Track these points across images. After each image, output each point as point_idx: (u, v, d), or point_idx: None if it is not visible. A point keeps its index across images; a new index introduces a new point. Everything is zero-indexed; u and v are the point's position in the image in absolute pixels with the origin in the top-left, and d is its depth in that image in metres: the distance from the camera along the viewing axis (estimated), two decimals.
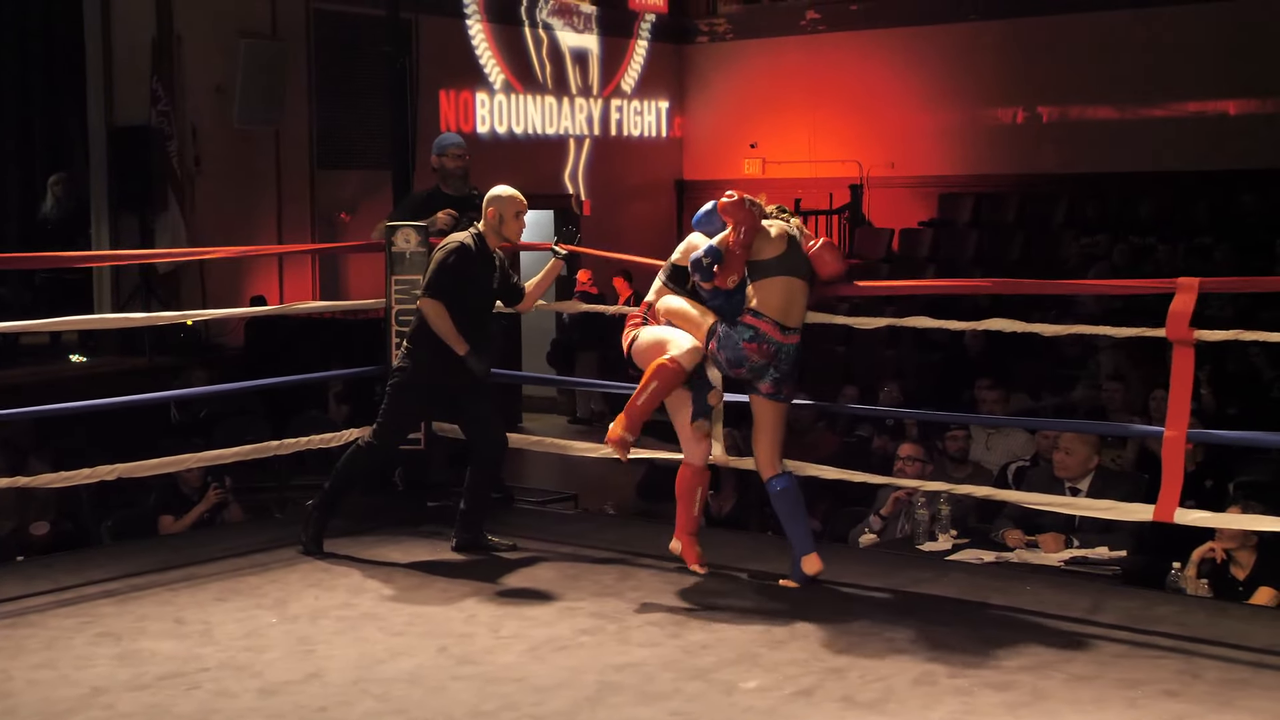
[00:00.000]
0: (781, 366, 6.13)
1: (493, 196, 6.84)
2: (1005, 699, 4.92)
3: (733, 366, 6.14)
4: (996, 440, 9.62)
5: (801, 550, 6.21)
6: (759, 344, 6.06)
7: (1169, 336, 5.85)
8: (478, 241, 6.75)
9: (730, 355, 6.10)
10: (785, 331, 6.09)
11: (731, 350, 6.09)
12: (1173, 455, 5.80)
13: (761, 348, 6.06)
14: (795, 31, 18.63)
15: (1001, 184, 17.38)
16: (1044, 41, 16.92)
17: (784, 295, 6.11)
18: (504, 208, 6.78)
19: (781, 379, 6.15)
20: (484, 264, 6.78)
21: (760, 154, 18.72)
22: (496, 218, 6.78)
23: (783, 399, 6.21)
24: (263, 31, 14.51)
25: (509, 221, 6.79)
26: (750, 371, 6.12)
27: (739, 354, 6.08)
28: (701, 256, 6.10)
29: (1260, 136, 15.50)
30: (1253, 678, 5.13)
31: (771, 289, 6.10)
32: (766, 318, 6.08)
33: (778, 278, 6.11)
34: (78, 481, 6.82)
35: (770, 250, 6.12)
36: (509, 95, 17.36)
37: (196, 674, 5.23)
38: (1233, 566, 6.57)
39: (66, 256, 11.18)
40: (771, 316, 6.08)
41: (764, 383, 6.15)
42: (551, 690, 5.05)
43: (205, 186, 13.92)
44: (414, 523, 7.46)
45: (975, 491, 6.91)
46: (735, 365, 6.13)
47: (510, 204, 6.80)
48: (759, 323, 6.07)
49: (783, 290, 6.11)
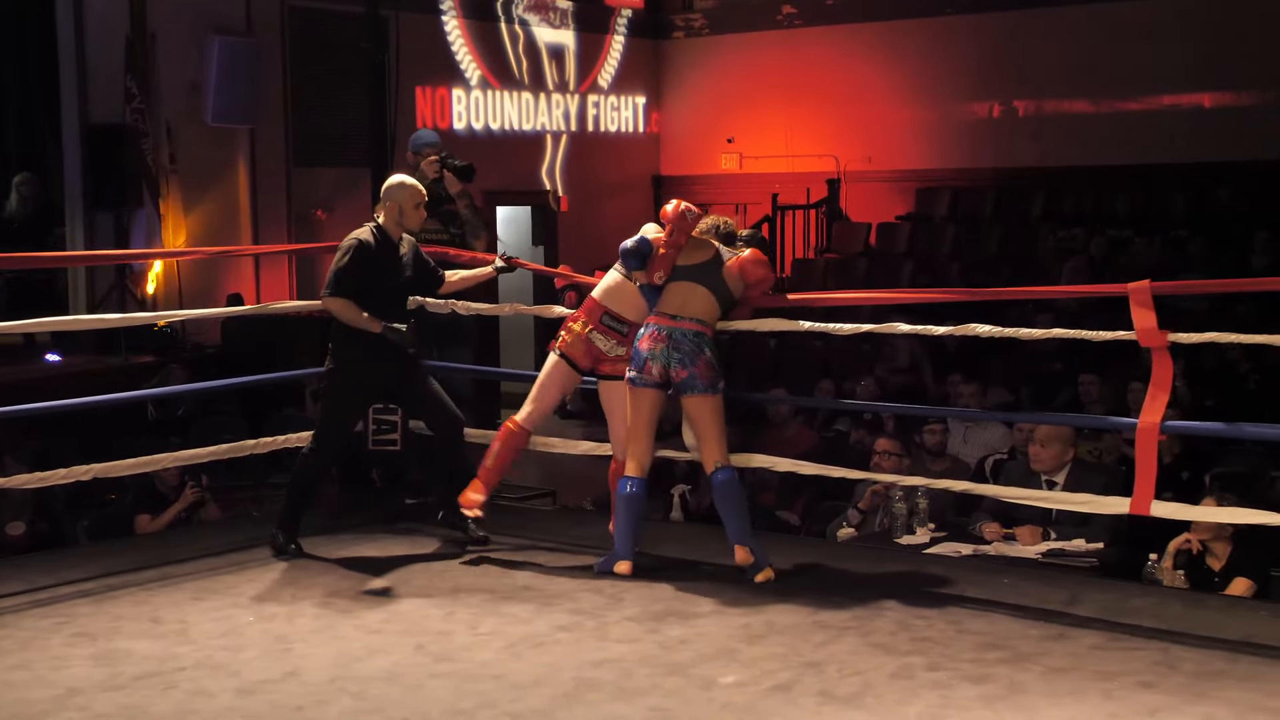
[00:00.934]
0: (682, 346, 6.29)
1: (391, 188, 6.89)
2: (982, 692, 4.93)
3: (638, 368, 6.36)
4: (974, 434, 9.65)
5: (736, 540, 6.30)
6: (650, 333, 6.35)
7: (1143, 344, 5.87)
8: (378, 234, 6.80)
9: (635, 360, 6.39)
10: (676, 319, 6.35)
11: (635, 355, 6.40)
12: (1146, 447, 5.81)
13: (653, 334, 6.33)
14: (772, 26, 18.61)
15: (979, 178, 17.39)
16: (1020, 35, 16.93)
17: (683, 295, 6.40)
18: (402, 199, 6.84)
19: (686, 362, 6.29)
20: (388, 255, 6.82)
21: (737, 149, 18.71)
22: (396, 210, 6.83)
23: (703, 390, 6.33)
24: (237, 28, 14.43)
25: (408, 213, 6.85)
26: (654, 361, 6.31)
27: (638, 354, 6.37)
28: (629, 244, 6.45)
29: (1237, 130, 15.52)
30: (1228, 669, 5.15)
31: (674, 290, 6.42)
32: (662, 313, 6.40)
33: (683, 282, 6.41)
34: (54, 482, 6.80)
35: (686, 259, 6.43)
36: (485, 91, 17.32)
37: (173, 674, 5.21)
38: (1208, 557, 6.59)
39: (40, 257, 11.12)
40: (666, 311, 6.39)
41: (674, 369, 6.30)
42: (529, 687, 5.04)
43: (180, 184, 13.86)
44: (391, 520, 7.45)
45: (953, 486, 6.92)
46: (639, 365, 6.36)
47: (409, 194, 6.85)
48: (653, 318, 6.41)
49: (683, 291, 6.40)
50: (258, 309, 9.72)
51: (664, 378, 6.34)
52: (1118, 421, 7.44)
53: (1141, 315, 5.83)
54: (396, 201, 6.82)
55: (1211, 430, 7.08)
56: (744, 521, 6.34)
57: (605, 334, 6.64)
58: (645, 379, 6.37)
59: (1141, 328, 5.84)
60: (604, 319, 6.63)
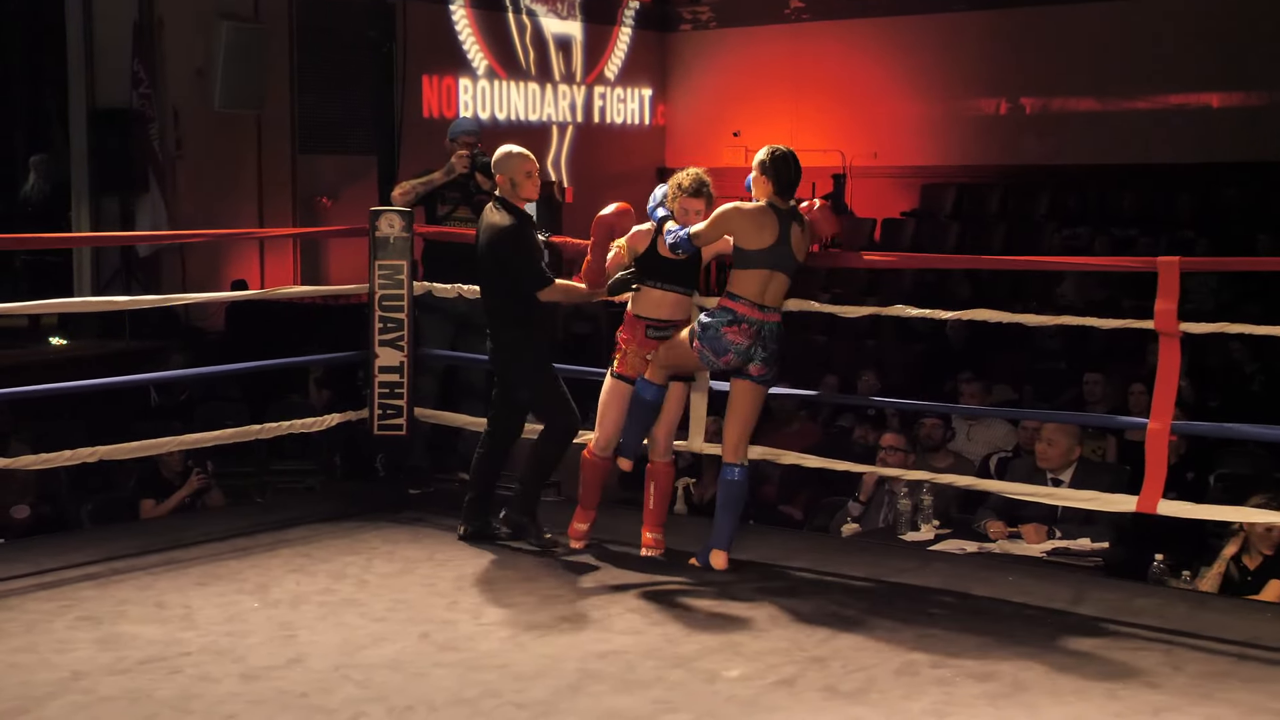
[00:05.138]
0: (769, 345, 6.13)
1: (500, 161, 6.62)
2: (986, 689, 4.93)
3: (719, 355, 6.12)
4: (978, 431, 9.64)
5: (717, 543, 6.28)
6: (739, 325, 6.07)
7: (1157, 329, 5.87)
8: (511, 209, 6.54)
9: (714, 345, 6.10)
10: (764, 310, 6.10)
11: (714, 340, 6.10)
12: (1157, 447, 5.81)
13: (742, 328, 6.07)
14: (779, 20, 18.61)
15: (984, 175, 17.39)
16: (1028, 33, 16.93)
17: (761, 282, 6.12)
18: (512, 170, 6.57)
19: (769, 358, 6.15)
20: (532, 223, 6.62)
21: (743, 142, 18.63)
22: (509, 183, 6.57)
23: (769, 381, 6.23)
24: (245, 14, 14.44)
25: (521, 183, 6.56)
26: (738, 356, 6.11)
27: (722, 342, 6.09)
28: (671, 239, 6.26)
29: (1244, 130, 15.52)
30: (1233, 670, 5.15)
31: (750, 277, 6.12)
32: (743, 299, 6.09)
33: (760, 270, 6.11)
34: (59, 464, 6.79)
35: (754, 241, 6.10)
36: (492, 81, 17.32)
37: (177, 658, 5.21)
38: (1245, 555, 6.55)
39: (46, 238, 11.12)
40: (747, 298, 6.09)
41: (754, 364, 6.14)
42: (533, 678, 5.04)
43: (186, 170, 13.88)
44: (395, 509, 7.44)
45: (958, 481, 6.92)
46: (721, 353, 6.12)
47: (517, 164, 6.57)
48: (735, 305, 6.10)
49: (761, 279, 6.12)
50: (263, 294, 9.72)
51: (735, 367, 6.20)
52: (1128, 421, 7.43)
53: (1166, 293, 5.83)
54: (507, 175, 6.55)
55: (1222, 431, 7.07)
56: (735, 527, 6.33)
57: (655, 345, 6.48)
58: (724, 367, 6.20)
59: (1162, 308, 5.84)
60: (649, 332, 6.45)
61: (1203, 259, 7.59)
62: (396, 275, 7.53)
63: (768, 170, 6.18)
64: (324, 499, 7.21)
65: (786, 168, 6.17)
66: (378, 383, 7.57)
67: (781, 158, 6.18)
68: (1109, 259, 10.76)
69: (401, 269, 7.53)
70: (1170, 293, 5.82)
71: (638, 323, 6.48)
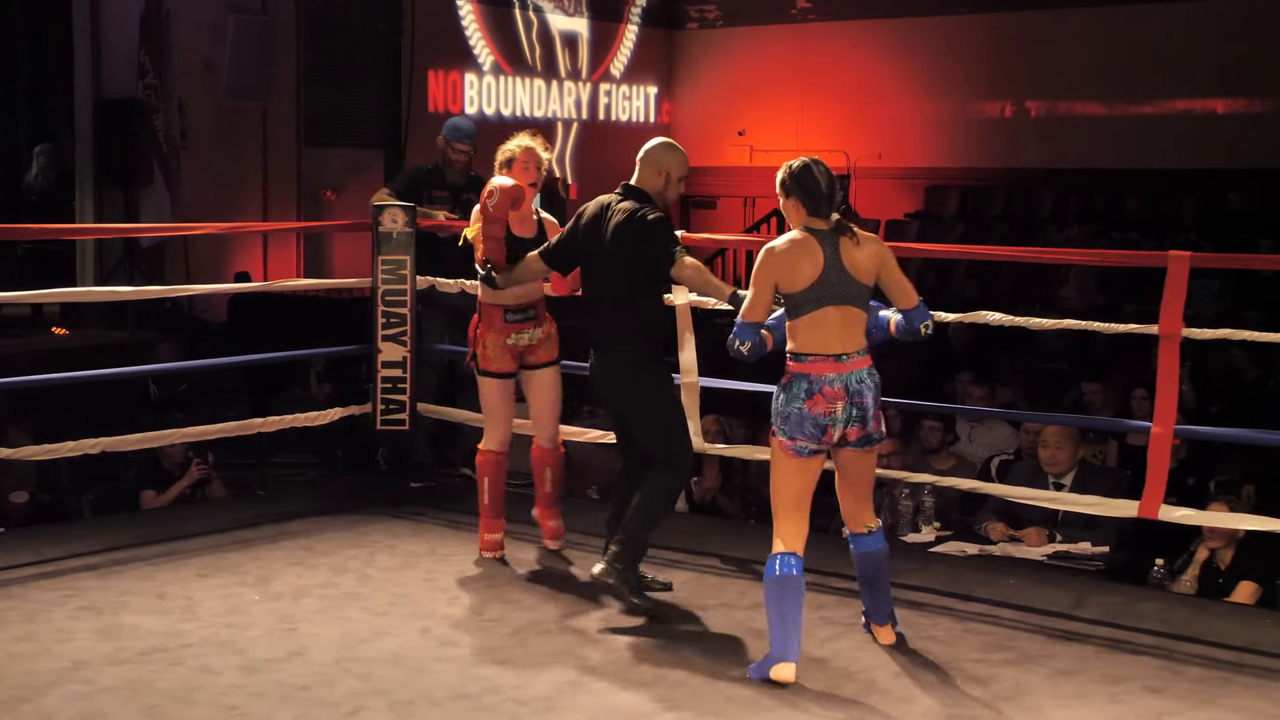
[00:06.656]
0: (864, 397, 5.02)
1: (656, 151, 5.79)
2: (987, 692, 4.93)
3: (818, 439, 5.02)
4: (979, 433, 9.62)
5: (886, 618, 5.40)
6: (818, 392, 4.99)
7: (1161, 330, 5.87)
8: (656, 206, 5.74)
9: (805, 430, 5.00)
10: (840, 359, 5.02)
11: (800, 425, 4.99)
12: (1159, 452, 5.82)
13: (825, 392, 4.98)
14: (785, 20, 18.59)
15: (988, 177, 17.39)
16: (1034, 36, 16.92)
17: (824, 326, 5.01)
18: (672, 166, 5.75)
19: (868, 416, 5.05)
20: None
21: (748, 141, 18.68)
22: (663, 178, 5.75)
23: (876, 440, 5.18)
24: (252, 6, 14.43)
25: (674, 184, 5.78)
26: (841, 425, 5.02)
27: (810, 422, 4.98)
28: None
29: (1248, 135, 15.51)
30: (1234, 675, 5.16)
31: (809, 326, 5.02)
32: (810, 356, 5.01)
33: (814, 311, 5.01)
34: (60, 455, 6.80)
35: (794, 281, 5.01)
36: (498, 77, 17.30)
37: (179, 650, 5.22)
38: (1216, 558, 6.59)
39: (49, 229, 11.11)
40: (816, 353, 5.02)
41: (850, 429, 5.04)
42: (534, 674, 5.04)
43: (191, 161, 13.85)
44: (397, 503, 7.44)
45: (960, 484, 6.92)
46: (820, 434, 5.01)
47: (679, 163, 5.78)
48: (804, 367, 5.01)
49: (823, 322, 5.01)
50: (265, 286, 9.72)
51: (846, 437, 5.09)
52: (1131, 425, 7.43)
53: (1173, 291, 5.81)
54: (664, 168, 5.72)
55: (1225, 435, 7.07)
56: (889, 596, 5.43)
57: (517, 331, 6.25)
58: (817, 449, 5.08)
59: (1168, 306, 5.84)
60: (507, 317, 6.20)
61: (1211, 254, 7.57)
62: (400, 270, 7.53)
63: (792, 189, 5.08)
64: (325, 492, 7.19)
65: (810, 177, 5.07)
66: (380, 378, 7.56)
67: (802, 168, 5.09)
68: (1121, 252, 10.74)
69: (405, 264, 7.53)
70: (1178, 290, 5.83)
71: (494, 310, 6.23)
